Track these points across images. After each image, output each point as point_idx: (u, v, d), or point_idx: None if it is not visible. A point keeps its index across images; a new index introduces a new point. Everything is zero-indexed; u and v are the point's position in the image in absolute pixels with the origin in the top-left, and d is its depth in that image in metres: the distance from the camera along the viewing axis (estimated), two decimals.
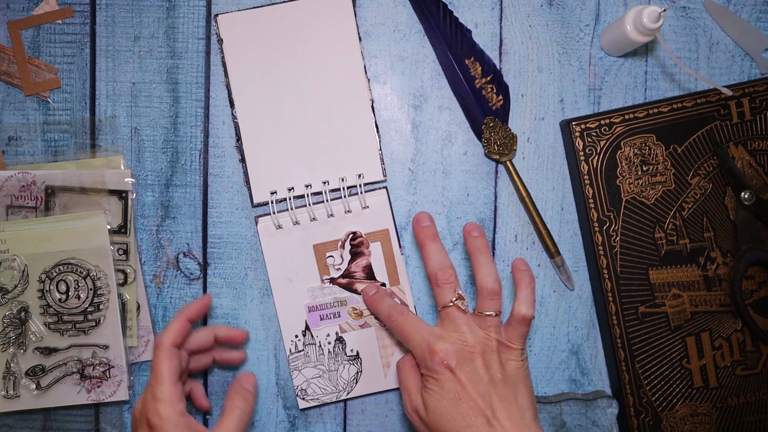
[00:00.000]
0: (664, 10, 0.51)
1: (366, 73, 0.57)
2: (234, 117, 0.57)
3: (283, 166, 0.57)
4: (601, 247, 0.56)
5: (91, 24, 0.58)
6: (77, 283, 0.56)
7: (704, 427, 0.56)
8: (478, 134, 0.58)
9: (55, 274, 0.56)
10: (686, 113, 0.56)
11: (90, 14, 0.58)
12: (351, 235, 0.57)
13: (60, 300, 0.56)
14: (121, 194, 0.57)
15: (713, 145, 0.56)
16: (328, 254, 0.57)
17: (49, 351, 0.56)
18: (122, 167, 0.58)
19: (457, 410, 0.46)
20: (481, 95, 0.57)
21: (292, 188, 0.57)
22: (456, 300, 0.49)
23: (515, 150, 0.58)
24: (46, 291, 0.56)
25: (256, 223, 0.57)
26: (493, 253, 0.59)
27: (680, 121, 0.56)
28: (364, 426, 0.59)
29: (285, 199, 0.57)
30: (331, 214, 0.57)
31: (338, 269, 0.57)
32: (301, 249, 0.57)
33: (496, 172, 0.59)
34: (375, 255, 0.57)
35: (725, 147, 0.56)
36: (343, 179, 0.57)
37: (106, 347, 0.56)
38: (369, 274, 0.57)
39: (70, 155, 0.58)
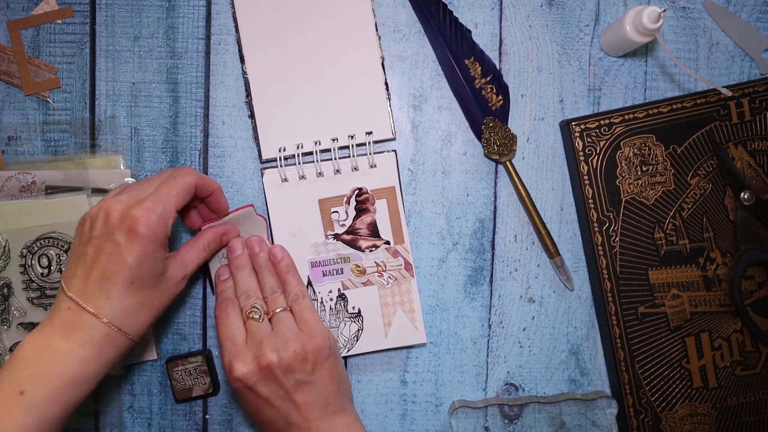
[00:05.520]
0: (664, 11, 0.51)
1: (377, 30, 0.57)
2: (244, 73, 0.57)
3: (293, 122, 0.57)
4: (600, 248, 0.56)
5: (91, 24, 0.58)
6: (59, 257, 0.56)
7: (704, 427, 0.56)
8: (478, 134, 0.58)
9: (36, 248, 0.56)
10: (686, 113, 0.56)
11: (90, 14, 0.58)
12: (357, 190, 0.57)
13: (42, 274, 0.56)
14: None
15: (713, 146, 0.56)
16: (333, 210, 0.57)
17: (33, 326, 0.56)
18: (122, 167, 0.58)
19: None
20: (481, 95, 0.57)
21: (301, 144, 0.57)
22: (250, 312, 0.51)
23: (515, 150, 0.58)
24: (28, 266, 0.56)
25: (262, 175, 0.57)
26: (493, 254, 0.59)
27: (680, 122, 0.56)
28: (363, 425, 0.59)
29: (293, 156, 0.57)
30: (338, 170, 0.57)
31: (343, 225, 0.57)
32: (306, 203, 0.57)
33: (496, 172, 0.59)
34: (380, 212, 0.57)
35: (725, 147, 0.56)
36: (352, 137, 0.57)
37: None
38: (374, 231, 0.57)
39: (70, 155, 0.58)
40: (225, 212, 0.54)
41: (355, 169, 0.57)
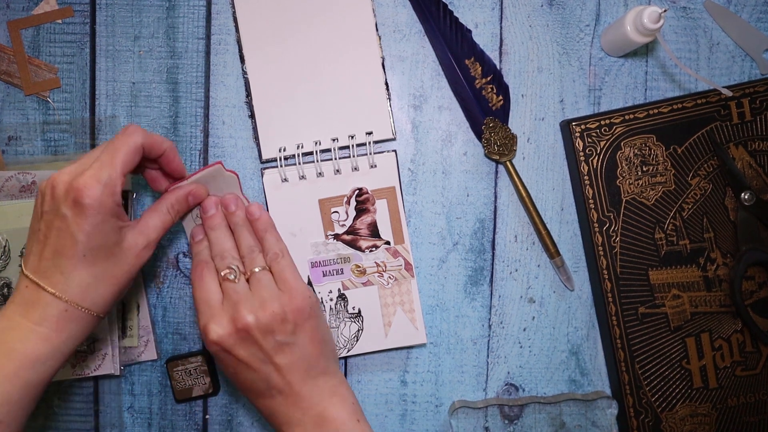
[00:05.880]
0: (665, 11, 0.51)
1: (377, 30, 0.57)
2: (244, 73, 0.57)
3: (293, 122, 0.57)
4: (601, 248, 0.56)
5: (91, 24, 0.58)
6: None
7: (704, 427, 0.56)
8: (478, 134, 0.58)
9: None
10: (686, 114, 0.56)
11: (90, 14, 0.58)
12: (357, 191, 0.57)
13: None
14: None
15: (713, 146, 0.56)
16: (333, 210, 0.57)
17: None
18: None
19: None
20: (481, 95, 0.57)
21: (301, 144, 0.57)
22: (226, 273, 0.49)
23: (515, 150, 0.58)
24: None
25: (262, 175, 0.57)
26: (493, 254, 0.59)
27: (680, 122, 0.56)
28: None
29: (293, 156, 0.57)
30: (338, 170, 0.57)
31: (343, 225, 0.57)
32: (306, 203, 0.57)
33: (496, 172, 0.59)
34: (380, 213, 0.57)
35: (725, 147, 0.56)
36: (352, 137, 0.57)
37: None
38: (374, 231, 0.57)
39: (70, 155, 0.58)
40: (181, 173, 0.52)
41: (355, 169, 0.57)
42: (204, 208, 0.52)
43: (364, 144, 0.57)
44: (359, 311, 0.57)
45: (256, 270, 0.49)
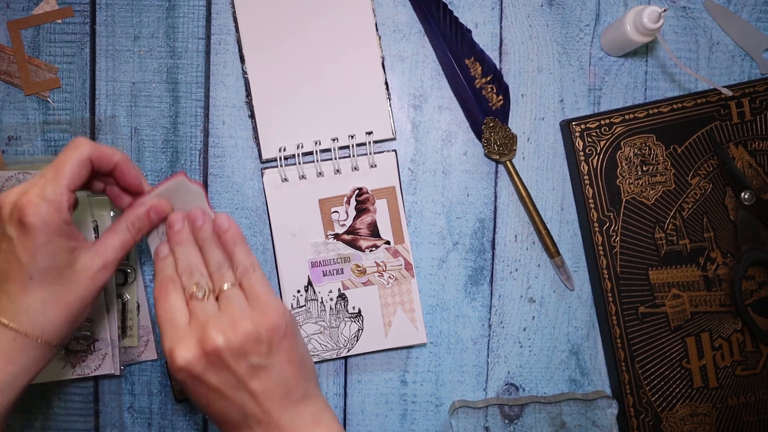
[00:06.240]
0: (664, 11, 0.51)
1: (377, 30, 0.58)
2: (244, 72, 0.57)
3: (293, 122, 0.57)
4: (601, 248, 0.56)
5: (91, 24, 0.58)
6: None
7: (704, 427, 0.56)
8: (478, 134, 0.58)
9: None
10: (686, 113, 0.56)
11: (90, 14, 0.58)
12: (357, 190, 0.57)
13: None
14: None
15: (713, 146, 0.56)
16: (333, 210, 0.57)
17: None
18: None
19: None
20: (481, 95, 0.57)
21: (301, 144, 0.57)
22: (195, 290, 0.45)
23: (515, 150, 0.58)
24: None
25: (262, 175, 0.57)
26: (493, 254, 0.59)
27: (680, 122, 0.56)
28: (363, 426, 0.59)
29: (293, 156, 0.57)
30: (338, 170, 0.57)
31: (343, 225, 0.57)
32: (306, 203, 0.57)
33: (496, 172, 0.59)
34: (380, 212, 0.57)
35: (725, 147, 0.56)
36: (352, 136, 0.57)
37: (89, 320, 0.56)
38: (374, 231, 0.57)
39: None
40: (137, 188, 0.47)
41: (356, 168, 0.57)
42: (169, 223, 0.48)
43: (364, 144, 0.57)
44: (359, 311, 0.57)
45: (226, 287, 0.45)
